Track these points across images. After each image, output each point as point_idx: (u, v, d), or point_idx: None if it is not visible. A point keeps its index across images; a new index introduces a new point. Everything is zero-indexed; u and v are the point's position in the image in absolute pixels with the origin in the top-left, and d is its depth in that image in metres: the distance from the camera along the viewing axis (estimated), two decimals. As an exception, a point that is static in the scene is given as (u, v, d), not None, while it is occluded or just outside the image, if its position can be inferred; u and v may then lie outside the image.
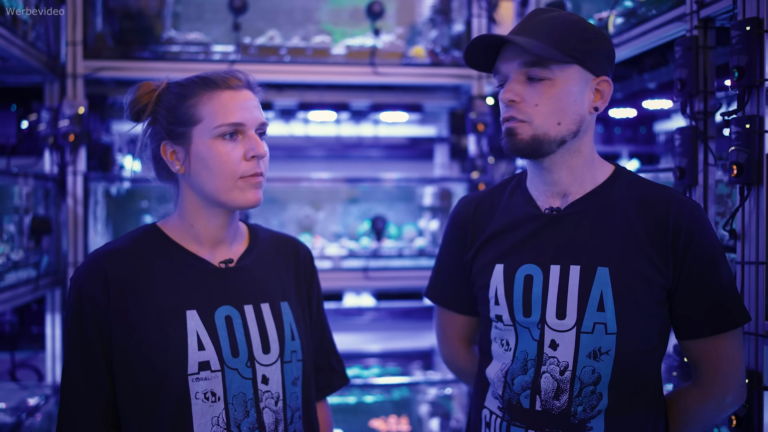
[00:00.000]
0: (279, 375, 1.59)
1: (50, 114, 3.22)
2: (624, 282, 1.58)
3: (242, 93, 1.56)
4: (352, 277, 3.48)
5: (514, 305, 1.64)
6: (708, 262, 1.60)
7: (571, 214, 1.65)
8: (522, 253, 1.66)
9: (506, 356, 1.66)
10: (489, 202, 1.79)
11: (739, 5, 2.00)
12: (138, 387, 1.51)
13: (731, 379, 1.66)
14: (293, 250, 1.76)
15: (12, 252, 2.75)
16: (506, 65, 1.60)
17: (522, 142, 1.59)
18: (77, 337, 1.52)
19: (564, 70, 1.58)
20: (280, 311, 1.63)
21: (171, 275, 1.56)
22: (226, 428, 1.52)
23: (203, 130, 1.53)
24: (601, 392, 1.58)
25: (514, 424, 1.63)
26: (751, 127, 1.93)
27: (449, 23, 3.71)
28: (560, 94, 1.58)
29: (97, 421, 1.52)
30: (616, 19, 2.76)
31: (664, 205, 1.61)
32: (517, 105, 1.58)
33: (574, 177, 1.65)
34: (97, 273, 1.53)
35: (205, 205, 1.58)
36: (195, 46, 3.47)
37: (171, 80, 1.60)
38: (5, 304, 2.66)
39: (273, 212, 3.89)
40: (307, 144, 4.16)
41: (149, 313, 1.52)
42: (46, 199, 3.16)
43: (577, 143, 1.63)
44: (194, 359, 1.51)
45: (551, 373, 1.60)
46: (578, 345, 1.58)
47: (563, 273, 1.61)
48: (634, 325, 1.58)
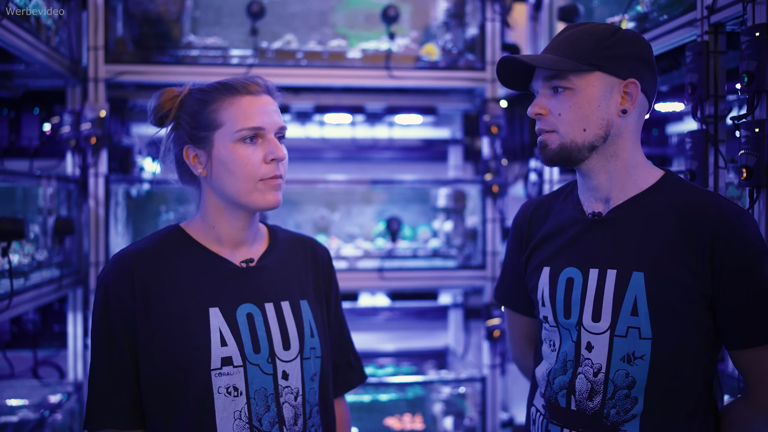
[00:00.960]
0: (299, 371, 1.64)
1: (72, 117, 3.29)
2: (658, 288, 1.59)
3: (262, 98, 1.62)
4: (368, 277, 3.53)
5: (556, 307, 1.70)
6: (747, 271, 1.58)
7: (611, 219, 1.68)
8: (566, 257, 1.72)
9: (552, 356, 1.72)
10: (545, 207, 1.85)
11: (749, 11, 2.03)
12: (163, 382, 1.57)
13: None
14: (312, 250, 1.81)
15: (36, 252, 2.82)
16: (535, 82, 1.71)
17: (552, 152, 1.67)
18: (104, 333, 1.58)
19: (583, 78, 1.63)
20: (300, 309, 1.69)
21: (194, 274, 1.62)
22: (248, 422, 1.57)
23: (224, 134, 1.58)
24: (636, 396, 1.60)
25: (552, 422, 1.69)
26: (760, 130, 1.96)
27: (463, 27, 3.75)
28: (582, 101, 1.63)
29: (123, 415, 1.58)
30: (628, 23, 2.80)
31: (704, 210, 1.61)
32: (543, 117, 1.67)
33: (614, 182, 1.69)
34: (123, 272, 1.58)
35: (226, 207, 1.63)
36: (213, 50, 3.54)
37: (193, 86, 1.66)
38: (30, 303, 2.73)
39: (289, 213, 3.95)
40: (322, 146, 4.21)
41: (174, 311, 1.58)
42: (69, 201, 3.23)
43: (611, 148, 1.66)
44: (217, 355, 1.56)
45: (585, 374, 1.64)
46: (611, 348, 1.61)
47: (600, 277, 1.65)
48: (670, 331, 1.59)
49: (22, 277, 2.61)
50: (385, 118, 4.02)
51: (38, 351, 3.57)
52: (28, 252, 2.73)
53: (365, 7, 3.84)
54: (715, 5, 2.21)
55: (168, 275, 1.60)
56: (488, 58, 3.64)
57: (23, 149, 3.62)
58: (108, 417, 1.57)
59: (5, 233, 2.35)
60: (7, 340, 3.55)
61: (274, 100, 1.65)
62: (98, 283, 1.62)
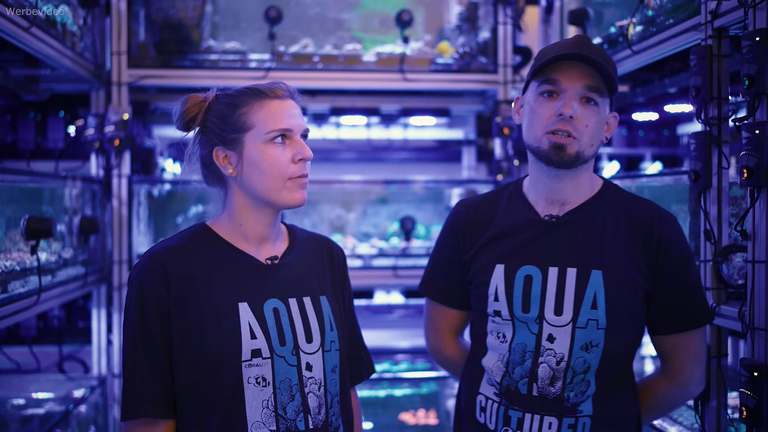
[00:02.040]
0: (321, 363, 1.72)
1: (96, 120, 3.39)
2: (614, 284, 1.80)
3: (287, 102, 1.70)
4: (382, 275, 3.61)
5: (513, 302, 1.83)
6: (681, 268, 1.85)
7: (568, 222, 1.86)
8: (522, 255, 1.86)
9: (503, 347, 1.85)
10: (487, 207, 1.97)
11: (750, 16, 2.09)
12: (196, 373, 1.64)
13: (695, 370, 1.92)
14: (328, 249, 1.89)
15: (63, 250, 2.92)
16: (569, 82, 1.76)
17: (569, 156, 1.78)
18: (139, 327, 1.64)
19: (605, 101, 1.81)
20: (320, 304, 1.76)
21: (223, 271, 1.69)
22: (274, 411, 1.64)
23: (255, 135, 1.66)
24: (589, 380, 1.80)
25: (513, 408, 1.83)
26: (760, 132, 2.02)
27: (476, 30, 3.83)
28: (600, 120, 1.80)
29: (158, 404, 1.64)
30: (635, 27, 2.86)
31: (647, 217, 1.85)
32: (572, 122, 1.76)
33: (576, 189, 1.87)
34: (157, 268, 1.65)
35: (254, 205, 1.71)
36: (232, 54, 3.63)
37: (219, 91, 1.73)
38: (57, 299, 2.84)
39: (306, 213, 4.04)
40: (339, 147, 4.30)
41: (205, 305, 1.65)
42: (93, 201, 3.33)
43: (590, 163, 1.87)
44: (247, 347, 1.64)
45: (548, 363, 1.80)
46: (573, 338, 1.79)
47: (561, 274, 1.82)
48: (621, 322, 1.81)
49: (50, 274, 2.72)
50: (400, 119, 4.10)
51: (63, 346, 3.69)
52: (55, 250, 2.83)
53: (380, 12, 3.92)
54: (718, 10, 2.27)
55: (199, 271, 1.68)
56: (500, 60, 3.71)
57: (49, 151, 3.75)
58: (143, 406, 1.64)
59: (34, 232, 2.45)
60: (33, 335, 3.66)
61: (297, 103, 1.74)
62: (132, 279, 1.68)
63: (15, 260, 2.42)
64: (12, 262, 2.39)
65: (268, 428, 1.64)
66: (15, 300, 2.39)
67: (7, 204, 2.44)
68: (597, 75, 1.76)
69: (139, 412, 1.64)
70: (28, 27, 2.46)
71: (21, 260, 2.46)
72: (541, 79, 1.79)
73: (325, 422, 1.71)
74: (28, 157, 3.74)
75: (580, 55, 1.75)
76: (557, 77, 1.77)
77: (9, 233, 2.44)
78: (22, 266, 2.46)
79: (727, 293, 2.32)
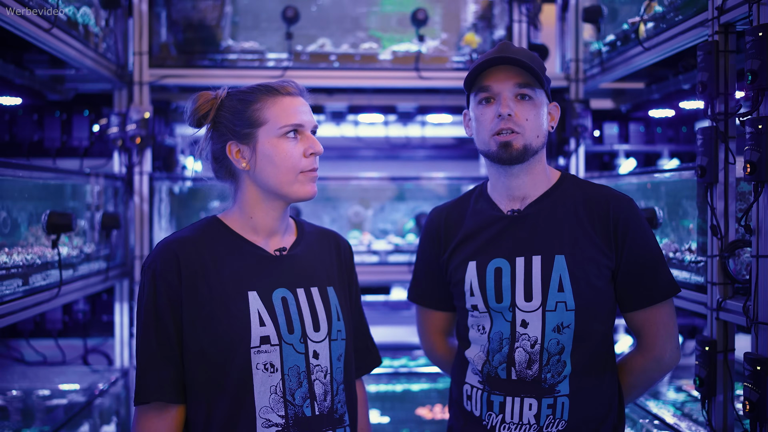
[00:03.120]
0: (327, 351, 1.78)
1: (119, 119, 3.48)
2: (578, 266, 1.93)
3: (298, 99, 1.78)
4: (398, 270, 3.66)
5: (487, 294, 1.96)
6: (642, 246, 1.96)
7: (529, 214, 1.99)
8: (491, 250, 1.98)
9: (483, 338, 1.98)
10: (457, 210, 2.10)
11: (755, 11, 2.10)
12: (206, 359, 1.70)
13: (667, 342, 2.01)
14: (335, 242, 1.95)
15: (84, 245, 3.01)
16: (499, 84, 1.91)
17: (517, 151, 1.92)
18: (152, 314, 1.71)
19: (540, 93, 1.96)
20: (327, 295, 1.83)
21: (234, 261, 1.76)
22: (282, 396, 1.70)
23: (269, 130, 1.73)
24: (565, 360, 1.92)
25: (494, 393, 1.95)
26: (763, 127, 2.03)
27: (491, 29, 3.85)
28: (539, 112, 1.95)
29: (170, 388, 1.71)
30: (646, 24, 2.87)
31: (604, 201, 1.97)
32: (512, 119, 1.90)
33: (533, 182, 2.00)
34: (170, 258, 1.72)
35: (264, 198, 1.77)
36: (251, 54, 3.70)
37: (230, 89, 1.80)
38: (78, 292, 2.92)
39: (324, 209, 4.09)
40: (357, 145, 4.34)
41: (216, 293, 1.72)
42: (115, 197, 3.42)
43: (541, 154, 1.99)
44: (256, 334, 1.70)
45: (523, 347, 1.92)
46: (544, 321, 1.92)
47: (527, 263, 1.94)
48: (588, 302, 1.93)
49: (71, 268, 2.80)
50: (417, 117, 4.13)
51: (88, 340, 3.78)
52: (76, 245, 2.92)
53: (398, 11, 3.96)
54: (724, 6, 2.28)
55: (210, 261, 1.74)
56: (516, 58, 3.72)
57: (74, 149, 3.85)
58: (156, 390, 1.70)
59: (55, 226, 2.53)
60: (59, 329, 3.76)
61: (306, 101, 1.81)
62: (145, 269, 1.75)
63: (36, 254, 2.51)
64: (33, 255, 2.48)
65: (276, 413, 1.70)
66: (37, 292, 2.47)
67: (31, 200, 2.53)
68: (523, 72, 1.90)
69: (151, 396, 1.70)
70: (49, 28, 2.55)
71: (42, 254, 2.55)
72: (476, 90, 1.94)
73: (330, 409, 1.76)
74: (54, 155, 3.84)
75: (502, 58, 1.90)
76: (488, 84, 1.92)
77: (31, 228, 2.53)
78: (43, 260, 2.54)
79: (734, 288, 2.32)
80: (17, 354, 3.77)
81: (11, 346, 3.78)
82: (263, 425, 1.69)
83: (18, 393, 3.33)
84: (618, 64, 3.20)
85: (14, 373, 3.63)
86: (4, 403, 3.22)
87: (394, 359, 4.09)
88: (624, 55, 3.12)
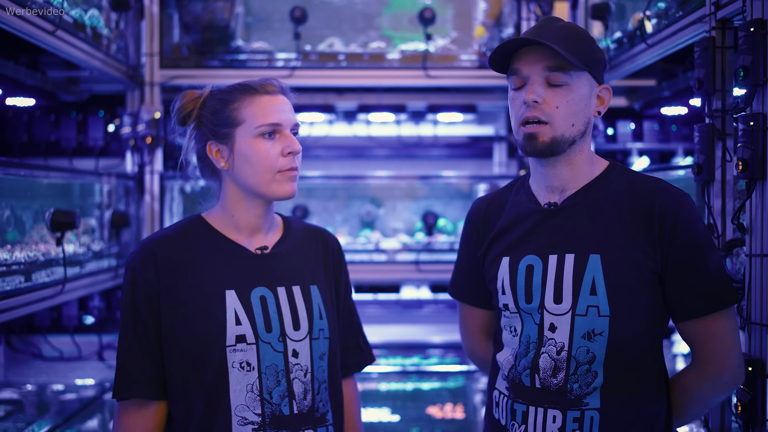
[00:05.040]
0: (308, 350, 1.77)
1: (131, 119, 3.55)
2: (614, 268, 1.71)
3: (278, 97, 1.76)
4: (405, 269, 3.66)
5: (517, 293, 1.78)
6: (693, 246, 1.72)
7: (567, 208, 1.78)
8: (524, 246, 1.80)
9: (514, 341, 1.79)
10: (498, 202, 1.92)
11: (748, 7, 2.06)
12: (183, 356, 1.72)
13: (725, 359, 1.75)
14: (323, 240, 1.93)
15: (93, 243, 3.07)
16: (528, 68, 1.71)
17: (543, 144, 1.71)
18: (131, 311, 1.73)
19: (579, 76, 1.72)
20: (310, 293, 1.81)
21: (213, 259, 1.77)
22: (259, 395, 1.71)
23: (246, 130, 1.72)
24: (596, 371, 1.70)
25: (517, 401, 1.76)
26: (755, 124, 2.00)
27: (500, 27, 3.84)
28: (576, 98, 1.72)
29: (148, 385, 1.73)
30: (651, 20, 2.84)
31: (650, 195, 1.74)
32: (539, 106, 1.69)
33: (574, 173, 1.79)
34: (148, 256, 1.74)
35: (245, 197, 1.77)
36: (260, 54, 3.74)
37: (214, 88, 1.80)
38: (86, 289, 2.98)
39: (337, 208, 4.11)
40: (370, 144, 4.36)
41: (193, 292, 1.73)
42: (127, 196, 3.49)
43: (582, 143, 1.77)
44: (232, 333, 1.71)
45: (549, 353, 1.73)
46: (573, 327, 1.71)
47: (560, 261, 1.74)
48: (625, 308, 1.70)
49: (78, 265, 2.86)
50: (428, 116, 4.14)
51: (103, 336, 3.85)
52: (84, 243, 2.98)
53: (409, 10, 3.97)
54: (720, 1, 2.25)
55: (189, 259, 1.76)
56: (525, 56, 3.71)
57: (90, 149, 3.92)
58: (134, 387, 1.73)
59: (59, 224, 2.58)
60: (75, 325, 3.84)
61: (288, 99, 1.80)
62: (127, 266, 1.78)
63: (40, 251, 2.56)
64: (37, 252, 2.54)
65: (252, 411, 1.71)
66: (39, 288, 2.53)
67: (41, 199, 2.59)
68: (557, 54, 1.68)
69: (129, 392, 1.73)
70: (53, 31, 2.60)
71: (47, 252, 2.60)
72: (509, 73, 1.76)
73: (311, 408, 1.75)
74: (70, 154, 3.92)
75: (528, 39, 1.70)
76: (518, 66, 1.73)
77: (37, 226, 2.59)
78: (48, 257, 2.60)
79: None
80: (36, 350, 3.85)
81: (30, 342, 3.87)
82: (239, 423, 1.70)
83: (33, 387, 3.42)
84: (624, 61, 3.16)
85: (32, 368, 3.71)
86: (20, 397, 3.30)
87: (406, 358, 4.10)
88: (629, 52, 3.08)
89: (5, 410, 3.09)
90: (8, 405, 3.19)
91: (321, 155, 4.39)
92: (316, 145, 4.23)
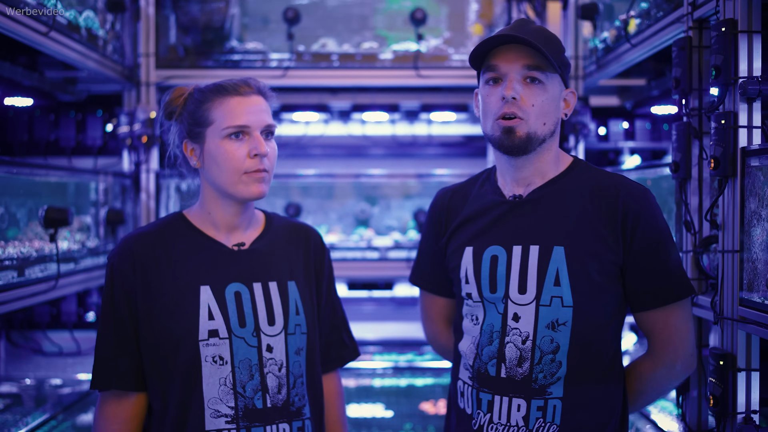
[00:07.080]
0: (283, 345, 1.80)
1: (128, 119, 3.61)
2: (578, 259, 1.77)
3: (251, 98, 1.78)
4: (397, 266, 3.70)
5: (481, 283, 1.82)
6: (654, 241, 1.78)
7: (531, 200, 1.83)
8: (488, 237, 1.84)
9: (475, 330, 1.84)
10: (462, 193, 1.96)
11: (721, 6, 2.10)
12: (159, 350, 1.77)
13: (680, 348, 1.83)
14: (305, 236, 1.96)
15: (88, 240, 3.13)
16: (507, 65, 1.75)
17: (519, 139, 1.75)
18: (110, 305, 1.79)
19: (552, 78, 1.78)
20: (287, 289, 1.85)
21: (189, 255, 1.81)
22: (232, 388, 1.75)
23: (214, 130, 1.75)
24: (560, 360, 1.76)
25: (483, 390, 1.81)
26: (726, 122, 2.04)
27: (491, 27, 3.88)
28: (549, 98, 1.77)
29: (125, 377, 1.78)
30: (636, 20, 2.87)
31: (613, 190, 1.80)
32: (517, 103, 1.74)
33: (541, 169, 1.84)
34: (126, 252, 1.79)
35: (219, 196, 1.80)
36: (254, 54, 3.80)
37: (196, 86, 1.83)
38: (80, 285, 3.05)
39: (331, 206, 4.16)
40: (365, 143, 4.40)
41: (168, 287, 1.78)
42: (123, 194, 3.55)
43: (550, 142, 1.82)
44: (204, 327, 1.75)
45: (514, 342, 1.78)
46: (537, 317, 1.77)
47: (524, 252, 1.80)
48: (588, 299, 1.77)
49: (72, 261, 2.92)
50: (423, 115, 4.18)
51: (101, 332, 3.91)
52: (78, 240, 3.04)
53: (403, 10, 4.01)
54: (696, 1, 2.28)
55: (165, 255, 1.80)
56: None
57: (88, 148, 3.99)
58: (111, 379, 1.78)
59: (52, 221, 2.64)
60: (74, 321, 3.90)
61: (266, 100, 1.81)
62: (107, 262, 1.83)
63: (34, 248, 2.63)
64: (30, 248, 2.60)
65: (225, 404, 1.75)
66: (32, 283, 2.59)
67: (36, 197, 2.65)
68: (535, 53, 1.73)
69: (106, 384, 1.78)
70: (46, 32, 2.66)
71: (40, 248, 2.66)
72: (485, 68, 1.79)
73: (286, 402, 1.79)
74: (69, 153, 3.98)
75: (510, 36, 1.73)
76: (496, 63, 1.76)
77: (31, 224, 2.65)
78: (41, 254, 2.66)
79: (707, 284, 2.32)
80: (36, 345, 3.91)
81: (30, 338, 3.93)
82: (212, 416, 1.74)
83: (32, 382, 3.49)
84: (611, 61, 3.20)
85: (31, 363, 3.78)
86: (19, 391, 3.37)
87: (400, 354, 4.14)
88: (615, 51, 3.12)
89: (4, 403, 3.15)
90: (7, 398, 3.25)
91: (317, 154, 4.44)
92: (312, 144, 4.28)
